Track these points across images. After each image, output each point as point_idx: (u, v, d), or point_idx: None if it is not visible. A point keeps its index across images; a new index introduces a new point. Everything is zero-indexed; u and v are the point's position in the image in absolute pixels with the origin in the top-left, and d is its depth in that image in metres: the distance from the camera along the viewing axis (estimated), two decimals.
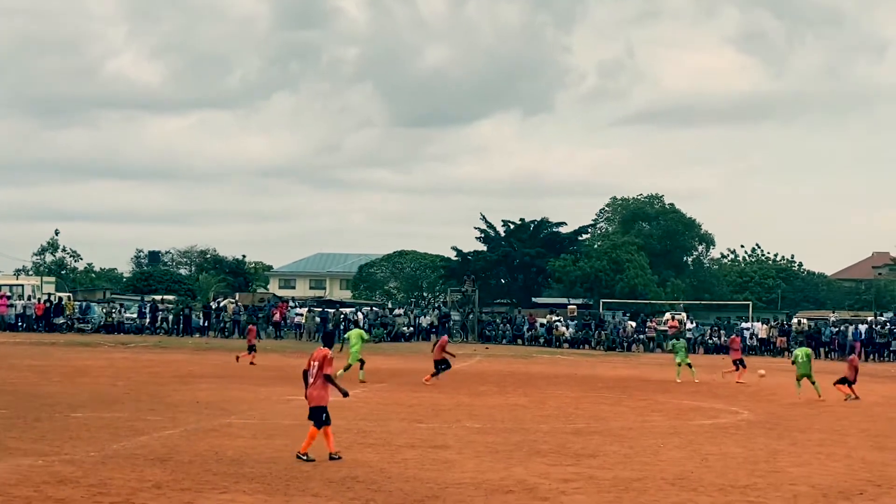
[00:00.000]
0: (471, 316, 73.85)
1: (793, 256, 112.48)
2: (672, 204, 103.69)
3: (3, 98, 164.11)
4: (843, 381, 34.67)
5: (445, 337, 42.03)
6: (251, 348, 44.73)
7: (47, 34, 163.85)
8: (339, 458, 18.42)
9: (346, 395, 19.45)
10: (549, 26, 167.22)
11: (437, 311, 75.51)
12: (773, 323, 68.10)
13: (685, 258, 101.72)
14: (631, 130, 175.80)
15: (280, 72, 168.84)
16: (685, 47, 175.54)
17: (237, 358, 43.43)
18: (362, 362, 36.14)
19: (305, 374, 19.06)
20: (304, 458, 18.29)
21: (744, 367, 42.19)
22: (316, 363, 18.91)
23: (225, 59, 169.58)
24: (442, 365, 37.47)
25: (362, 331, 39.36)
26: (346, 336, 39.04)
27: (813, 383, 33.92)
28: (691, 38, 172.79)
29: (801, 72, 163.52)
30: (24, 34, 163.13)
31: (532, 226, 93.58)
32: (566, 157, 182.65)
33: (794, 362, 35.16)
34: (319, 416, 18.68)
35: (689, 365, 41.76)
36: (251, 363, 42.66)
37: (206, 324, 69.05)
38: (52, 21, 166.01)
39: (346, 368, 35.03)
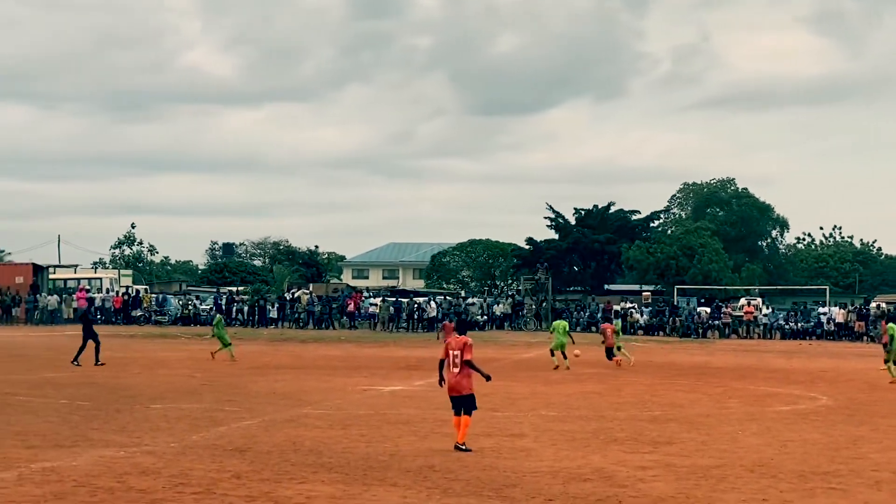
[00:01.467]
0: (544, 304, 73.69)
1: (874, 242, 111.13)
2: (745, 188, 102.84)
3: (81, 93, 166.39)
4: None
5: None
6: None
7: (122, 28, 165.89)
8: (467, 449, 18.38)
9: (488, 378, 19.45)
10: (621, 11, 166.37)
11: (510, 300, 75.40)
12: (850, 307, 67.27)
13: (759, 243, 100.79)
14: (704, 115, 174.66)
15: (352, 62, 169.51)
16: (759, 30, 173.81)
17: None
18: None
19: (442, 363, 19.14)
20: (463, 448, 18.42)
21: None
22: (457, 351, 18.89)
23: (298, 51, 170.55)
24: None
25: (566, 323, 39.65)
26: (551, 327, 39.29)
27: None
28: (766, 20, 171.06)
29: (878, 52, 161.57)
30: (100, 29, 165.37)
31: (603, 213, 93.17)
32: (639, 144, 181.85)
33: (891, 341, 33.95)
34: (471, 403, 18.84)
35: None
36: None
37: (280, 315, 69.48)
38: (128, 15, 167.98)
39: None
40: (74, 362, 35.70)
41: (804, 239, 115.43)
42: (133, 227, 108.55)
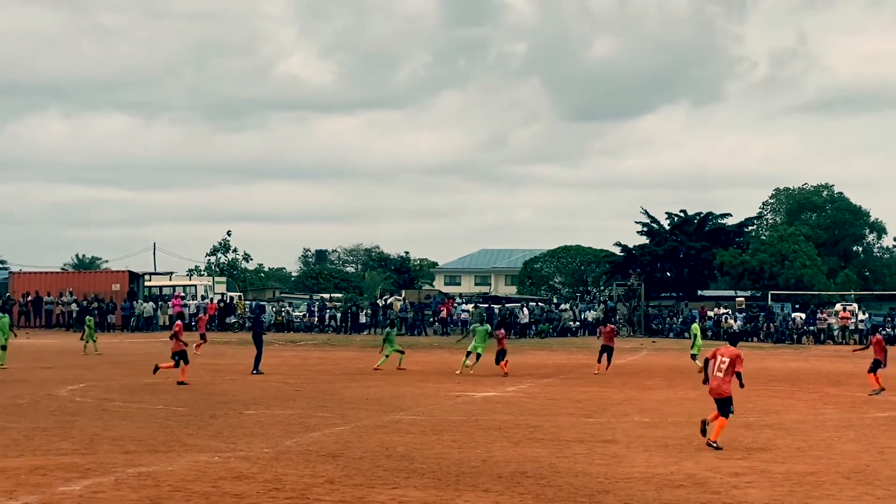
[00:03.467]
0: (637, 310, 73.38)
1: None
2: (840, 192, 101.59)
3: (179, 101, 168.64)
4: None
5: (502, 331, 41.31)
6: (202, 336, 48.01)
7: (221, 37, 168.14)
8: (719, 447, 19.38)
9: (742, 386, 20.60)
10: (718, 15, 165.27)
11: (602, 306, 75.18)
12: None
13: (854, 247, 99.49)
14: (801, 119, 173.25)
15: (448, 69, 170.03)
16: (858, 32, 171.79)
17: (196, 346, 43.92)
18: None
19: (707, 363, 20.45)
20: (714, 445, 19.45)
21: None
22: (726, 359, 20.10)
23: (393, 58, 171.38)
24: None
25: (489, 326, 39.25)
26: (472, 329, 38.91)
27: None
28: (864, 22, 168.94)
29: None
30: (198, 37, 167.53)
31: (696, 218, 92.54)
32: (735, 148, 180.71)
33: None
34: (727, 406, 19.89)
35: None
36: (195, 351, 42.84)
37: (373, 321, 69.81)
38: (226, 23, 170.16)
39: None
40: (255, 371, 36.21)
41: None
42: (229, 235, 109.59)
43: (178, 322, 37.15)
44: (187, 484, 15.38)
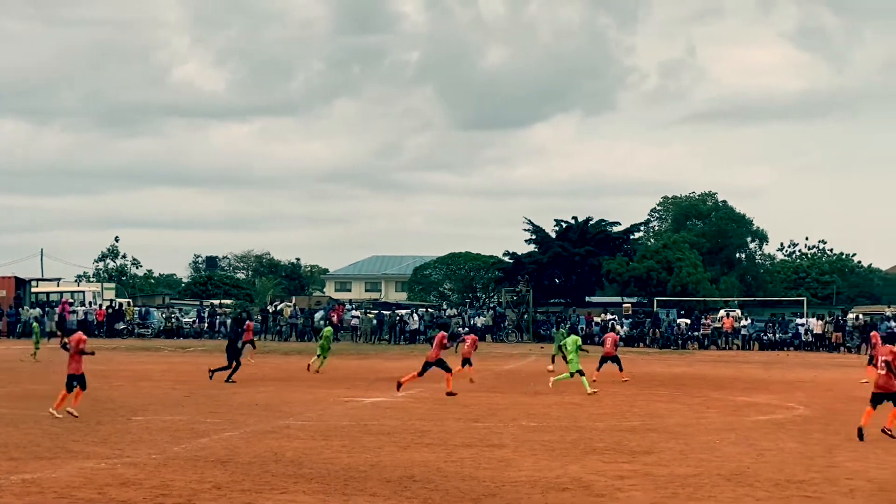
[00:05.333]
0: (525, 316, 73.97)
1: (854, 255, 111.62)
2: (725, 201, 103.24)
3: (72, 107, 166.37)
4: None
5: (475, 336, 41.72)
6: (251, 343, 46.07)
7: (115, 43, 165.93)
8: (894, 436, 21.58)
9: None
10: (610, 27, 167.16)
11: (491, 312, 75.66)
12: (828, 318, 67.65)
13: (738, 255, 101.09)
14: (691, 129, 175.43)
15: (341, 76, 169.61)
16: (744, 45, 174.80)
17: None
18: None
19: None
20: (890, 433, 21.79)
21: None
22: (887, 358, 22.16)
23: (287, 65, 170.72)
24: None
25: (578, 337, 37.19)
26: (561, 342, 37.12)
27: None
28: (750, 36, 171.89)
29: (860, 67, 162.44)
30: (92, 43, 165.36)
31: (583, 225, 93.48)
32: (626, 158, 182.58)
33: None
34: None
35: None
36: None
37: (263, 327, 69.56)
38: (120, 30, 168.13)
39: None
40: (228, 380, 35.41)
41: (784, 250, 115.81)
42: (117, 241, 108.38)
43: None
44: (72, 491, 15.29)
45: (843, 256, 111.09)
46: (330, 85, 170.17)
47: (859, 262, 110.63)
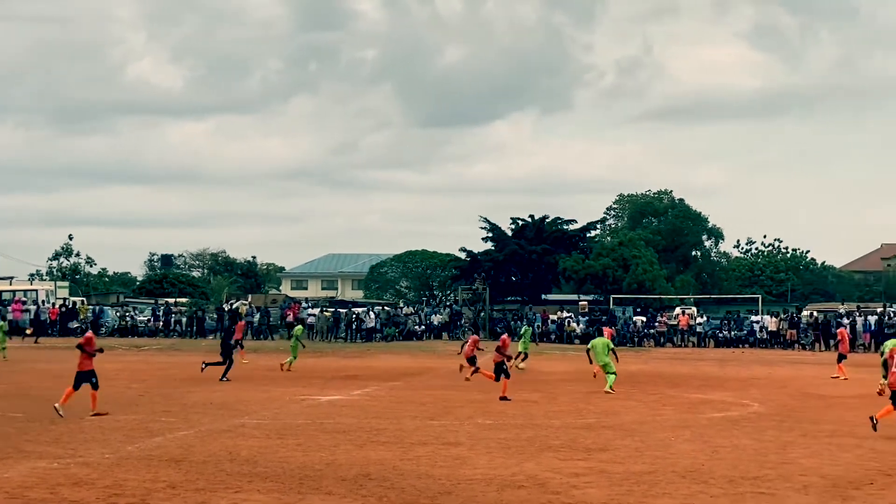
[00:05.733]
0: (482, 314, 74.03)
1: (808, 252, 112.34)
2: (681, 199, 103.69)
3: (24, 105, 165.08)
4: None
5: (476, 336, 41.94)
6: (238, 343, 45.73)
7: (69, 40, 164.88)
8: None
9: None
10: (567, 25, 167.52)
11: (447, 310, 75.70)
12: (783, 316, 68.12)
13: (693, 253, 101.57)
14: (647, 127, 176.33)
15: (299, 74, 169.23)
16: (700, 43, 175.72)
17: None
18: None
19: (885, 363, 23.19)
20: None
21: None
22: None
23: (244, 63, 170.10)
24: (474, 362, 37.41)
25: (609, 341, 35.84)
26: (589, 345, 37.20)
27: None
28: (706, 35, 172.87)
29: (816, 66, 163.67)
30: (45, 40, 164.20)
31: (540, 223, 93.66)
32: (583, 155, 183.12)
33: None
34: None
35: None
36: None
37: (219, 326, 69.32)
38: (74, 27, 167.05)
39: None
40: (223, 378, 35.47)
41: (740, 248, 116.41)
42: (70, 239, 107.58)
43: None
44: (25, 491, 15.17)
45: (798, 254, 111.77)
46: (287, 83, 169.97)
47: (813, 258, 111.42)
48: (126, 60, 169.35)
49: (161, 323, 70.22)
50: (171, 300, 79.16)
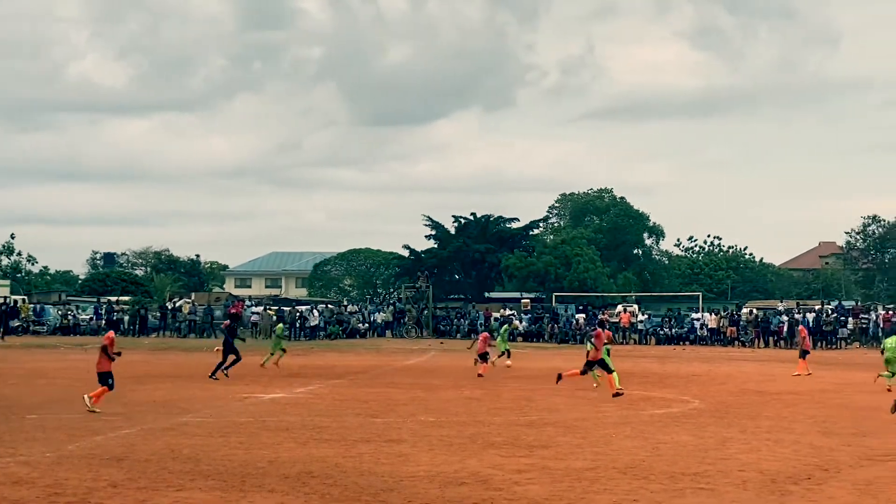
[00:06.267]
0: (425, 312, 74.18)
1: (745, 248, 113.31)
2: (622, 197, 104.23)
3: None
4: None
5: (486, 333, 42.16)
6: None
7: (10, 38, 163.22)
8: None
9: None
10: (510, 24, 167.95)
11: (391, 308, 75.77)
12: (723, 313, 68.75)
13: (635, 251, 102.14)
14: (590, 126, 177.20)
15: (243, 72, 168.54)
16: (641, 43, 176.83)
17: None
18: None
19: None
20: None
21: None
22: None
23: (188, 61, 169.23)
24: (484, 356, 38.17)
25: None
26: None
27: None
28: (646, 34, 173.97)
29: (755, 66, 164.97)
30: None
31: (483, 221, 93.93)
32: (526, 154, 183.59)
33: (883, 351, 33.93)
34: None
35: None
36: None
37: (162, 324, 69.02)
38: (16, 24, 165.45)
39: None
40: (212, 376, 35.07)
41: (680, 246, 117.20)
42: (12, 238, 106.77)
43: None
44: None
45: (737, 252, 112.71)
46: (231, 81, 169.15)
47: (751, 255, 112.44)
48: (69, 58, 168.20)
49: (103, 321, 69.72)
50: (114, 298, 78.67)
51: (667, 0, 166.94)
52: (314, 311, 70.98)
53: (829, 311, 66.68)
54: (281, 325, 46.18)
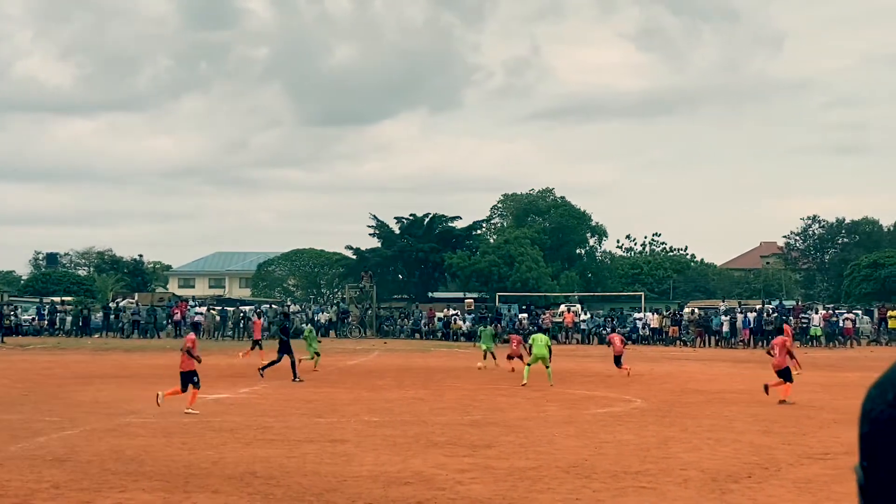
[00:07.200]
0: (369, 311, 74.17)
1: (686, 248, 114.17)
2: (563, 197, 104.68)
3: None
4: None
5: (519, 336, 42.46)
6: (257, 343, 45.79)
7: None
8: None
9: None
10: (455, 25, 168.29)
11: (335, 308, 75.70)
12: (665, 313, 69.22)
13: (577, 251, 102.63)
14: (534, 127, 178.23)
15: (189, 72, 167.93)
16: (585, 45, 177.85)
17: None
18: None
19: None
20: None
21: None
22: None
23: (134, 61, 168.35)
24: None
25: (547, 338, 38.23)
26: (529, 341, 37.87)
27: None
28: (590, 36, 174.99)
29: (699, 67, 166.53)
30: None
31: (426, 221, 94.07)
32: (471, 154, 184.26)
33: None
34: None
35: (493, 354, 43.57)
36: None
37: (105, 324, 68.66)
38: None
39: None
40: (264, 368, 36.00)
41: (623, 246, 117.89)
42: None
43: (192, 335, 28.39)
44: None
45: (678, 252, 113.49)
46: (177, 81, 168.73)
47: (693, 255, 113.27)
48: (14, 57, 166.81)
49: (46, 322, 69.31)
50: (57, 299, 78.17)
51: (611, 1, 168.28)
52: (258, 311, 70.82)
53: (770, 311, 67.26)
54: (310, 325, 46.09)
